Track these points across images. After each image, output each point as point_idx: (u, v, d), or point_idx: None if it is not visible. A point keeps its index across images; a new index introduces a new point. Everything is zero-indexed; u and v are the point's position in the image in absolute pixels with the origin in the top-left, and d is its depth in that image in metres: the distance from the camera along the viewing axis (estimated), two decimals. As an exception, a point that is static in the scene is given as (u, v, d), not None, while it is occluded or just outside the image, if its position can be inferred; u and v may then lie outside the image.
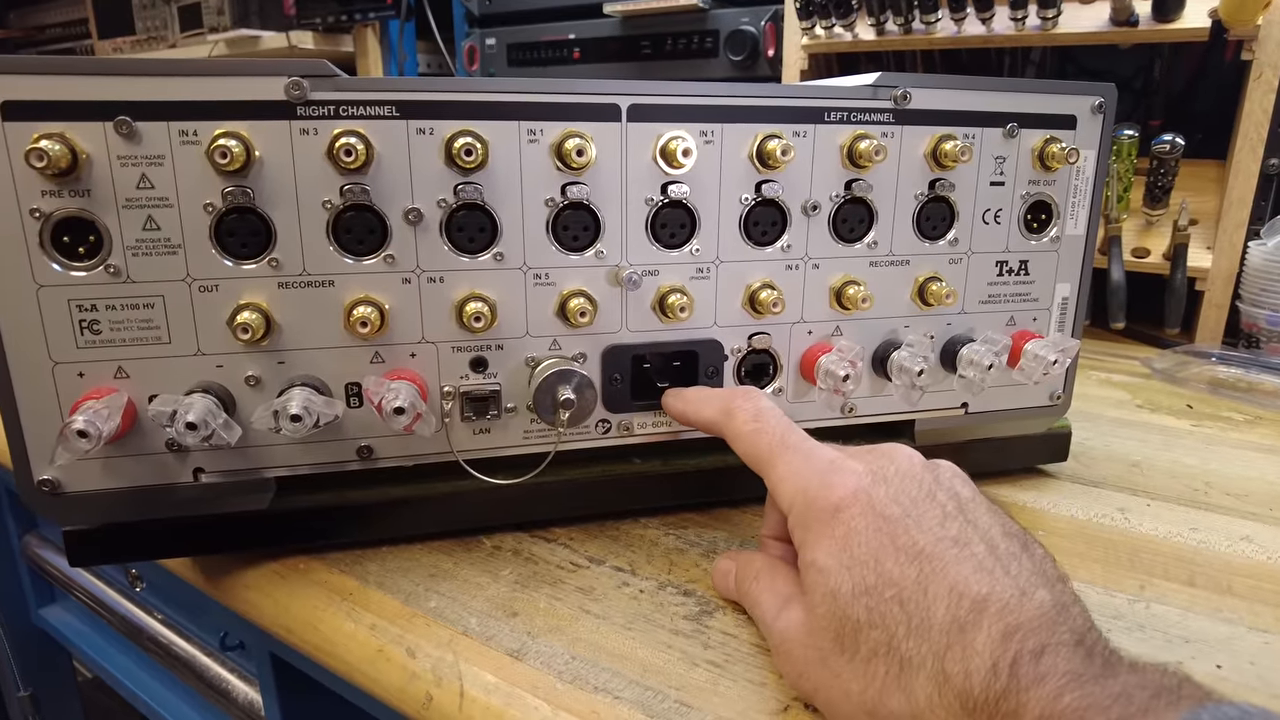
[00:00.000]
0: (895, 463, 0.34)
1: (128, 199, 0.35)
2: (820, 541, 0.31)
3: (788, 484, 0.34)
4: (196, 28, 1.60)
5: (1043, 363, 0.45)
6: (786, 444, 0.35)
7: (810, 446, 0.35)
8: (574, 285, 0.41)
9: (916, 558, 0.29)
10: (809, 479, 0.33)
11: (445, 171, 0.38)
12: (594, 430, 0.43)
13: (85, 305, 0.36)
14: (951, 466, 0.35)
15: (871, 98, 0.42)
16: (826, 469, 0.33)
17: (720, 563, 0.39)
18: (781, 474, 0.35)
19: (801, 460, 0.34)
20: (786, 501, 0.34)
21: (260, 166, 0.36)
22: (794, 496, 0.33)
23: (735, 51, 1.09)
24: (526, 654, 0.35)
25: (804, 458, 0.34)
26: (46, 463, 0.37)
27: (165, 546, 0.41)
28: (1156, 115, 0.93)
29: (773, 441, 0.36)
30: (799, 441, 0.36)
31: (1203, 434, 0.62)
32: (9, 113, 0.33)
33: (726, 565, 0.39)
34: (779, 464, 0.35)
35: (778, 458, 0.35)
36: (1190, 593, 0.40)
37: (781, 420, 0.37)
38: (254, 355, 0.38)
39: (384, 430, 0.40)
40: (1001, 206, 0.46)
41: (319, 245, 0.37)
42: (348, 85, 0.36)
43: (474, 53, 1.33)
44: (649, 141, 0.40)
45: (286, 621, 0.40)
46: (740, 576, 0.37)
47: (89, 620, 0.88)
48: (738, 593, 0.37)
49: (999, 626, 0.26)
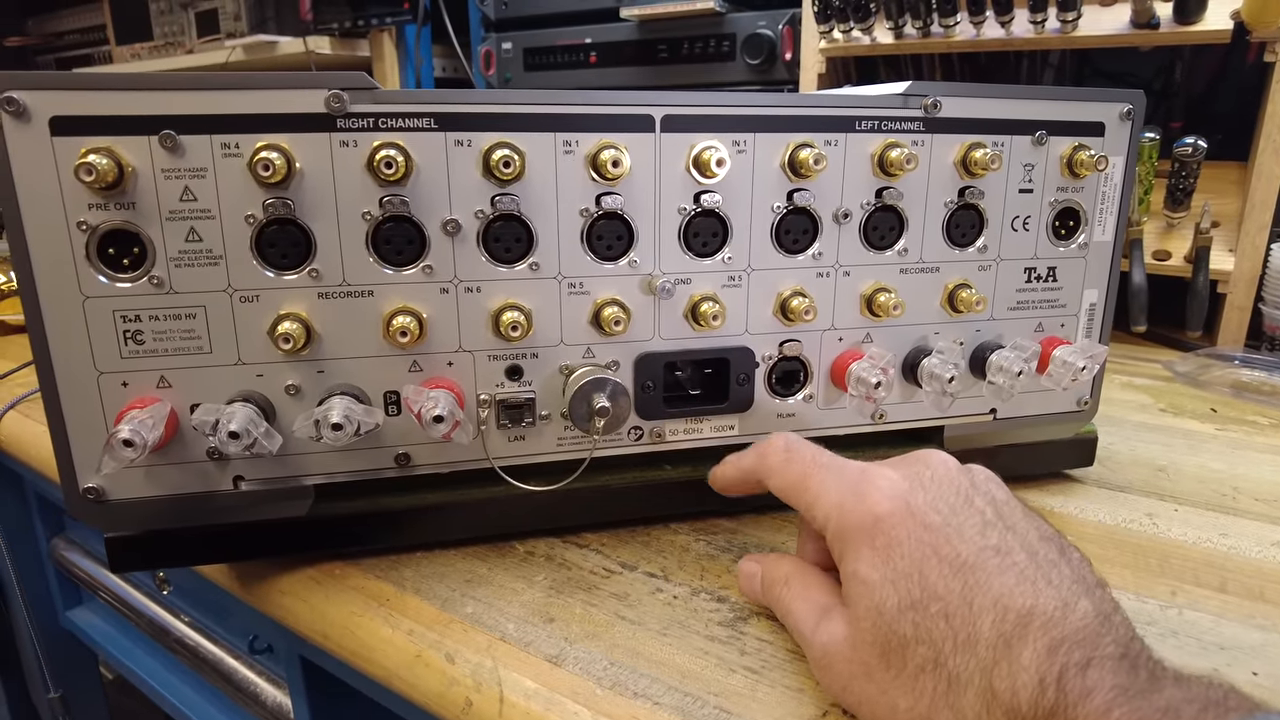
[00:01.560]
0: (931, 468, 0.34)
1: (171, 211, 0.36)
2: (861, 552, 0.31)
3: (822, 501, 0.34)
4: (214, 33, 1.62)
5: (1071, 369, 0.45)
6: (818, 463, 0.36)
7: (841, 462, 0.35)
8: (608, 294, 0.41)
9: (960, 569, 0.29)
10: (844, 492, 0.33)
11: (483, 183, 0.38)
12: (627, 437, 0.44)
13: (129, 316, 0.36)
14: (985, 470, 0.35)
15: (902, 107, 0.42)
16: (860, 479, 0.33)
17: (745, 565, 0.39)
18: (815, 491, 0.34)
19: (834, 476, 0.34)
20: (823, 517, 0.34)
21: (301, 178, 0.36)
22: (830, 511, 0.33)
23: (752, 55, 1.09)
24: (565, 660, 0.36)
25: (836, 473, 0.35)
26: (92, 471, 0.37)
27: (205, 553, 0.42)
28: (1177, 117, 0.93)
29: (805, 464, 0.36)
30: (829, 460, 0.36)
31: (1228, 438, 0.62)
32: (57, 128, 0.34)
33: (751, 568, 0.39)
34: (811, 482, 0.35)
35: (810, 478, 0.35)
36: (1222, 599, 0.40)
37: (811, 446, 0.37)
38: (294, 364, 0.38)
39: (421, 437, 0.40)
40: (1030, 214, 0.46)
41: (358, 256, 0.38)
42: (387, 98, 0.37)
43: (490, 57, 1.34)
44: (682, 151, 0.40)
45: (323, 627, 0.41)
46: (768, 580, 0.37)
47: (115, 622, 0.89)
48: (765, 597, 0.37)
49: (1044, 641, 0.26)
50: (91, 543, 0.88)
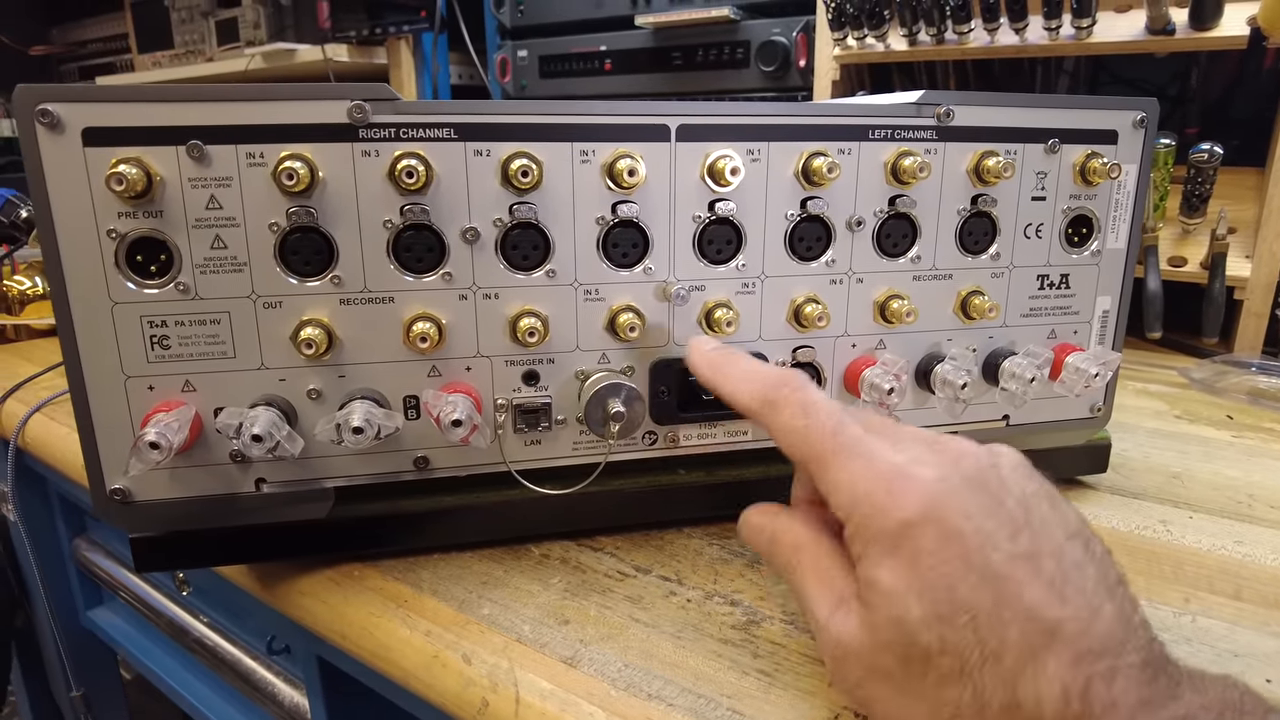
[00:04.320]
0: (961, 466, 0.31)
1: (197, 219, 0.36)
2: (884, 559, 0.29)
3: (844, 490, 0.31)
4: (233, 41, 1.64)
5: (1084, 376, 0.45)
6: (841, 444, 0.32)
7: (870, 447, 0.32)
8: (623, 300, 0.42)
9: (991, 580, 0.27)
10: (872, 487, 0.30)
11: (501, 192, 0.39)
12: (641, 442, 0.44)
13: (156, 321, 0.37)
14: (1011, 456, 0.32)
15: (915, 115, 0.43)
16: (892, 475, 0.30)
17: (752, 516, 0.37)
18: (837, 479, 0.31)
19: (863, 465, 0.31)
20: (845, 508, 0.31)
21: (323, 187, 0.37)
22: (853, 506, 0.31)
23: (766, 62, 1.10)
24: (580, 661, 0.36)
25: (866, 462, 0.31)
26: (118, 473, 0.38)
27: (227, 553, 0.43)
28: (1192, 123, 0.92)
29: (825, 440, 0.32)
30: (856, 441, 0.32)
31: (1244, 445, 0.61)
32: (89, 138, 0.35)
33: (760, 521, 0.36)
34: (833, 467, 0.32)
35: (832, 459, 0.32)
36: (1237, 606, 0.40)
37: (834, 414, 0.33)
38: (316, 369, 0.39)
39: (439, 441, 0.41)
40: (1043, 221, 0.46)
41: (379, 263, 0.38)
42: (408, 109, 0.37)
43: (506, 64, 1.35)
44: (697, 160, 0.41)
45: (341, 628, 0.42)
46: (778, 541, 0.35)
47: (136, 622, 0.91)
48: (772, 558, 0.35)
49: (1070, 652, 0.25)
50: (113, 543, 0.89)
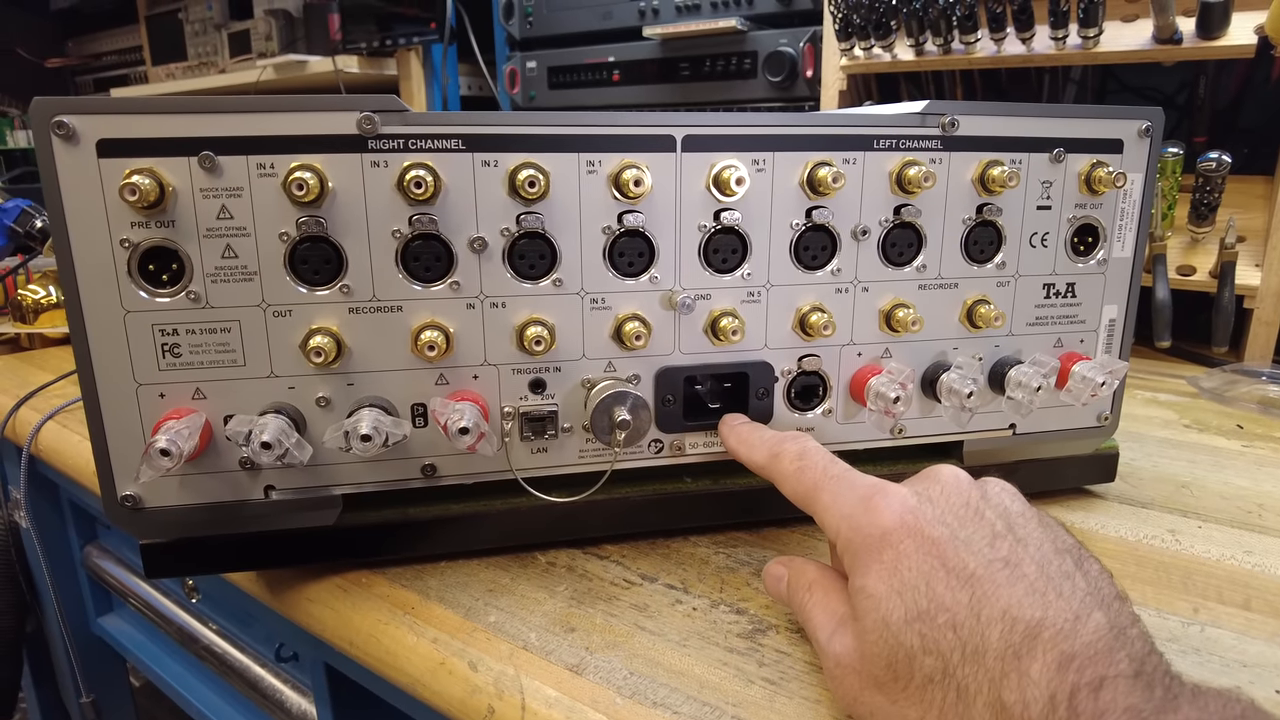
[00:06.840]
0: (940, 482, 0.34)
1: (208, 229, 0.37)
2: (869, 567, 0.31)
3: (832, 512, 0.34)
4: (245, 53, 1.66)
5: (1091, 384, 0.45)
6: (829, 474, 0.36)
7: (853, 475, 0.36)
8: (629, 309, 0.42)
9: (968, 581, 0.29)
10: (853, 505, 0.34)
11: (509, 202, 0.39)
12: (647, 450, 0.45)
13: (167, 330, 0.38)
14: (1000, 482, 0.35)
15: (920, 125, 0.43)
16: (870, 493, 0.34)
17: (773, 567, 0.39)
18: (826, 503, 0.35)
19: (846, 488, 0.35)
20: (833, 529, 0.34)
21: (333, 197, 0.38)
22: (839, 523, 0.34)
23: (774, 73, 1.10)
24: (586, 669, 0.36)
25: (848, 485, 0.35)
26: (129, 479, 0.39)
27: (236, 560, 0.43)
28: (1200, 132, 0.92)
29: (816, 475, 0.36)
30: (842, 471, 0.36)
31: (1254, 455, 0.61)
32: (104, 150, 0.35)
33: (779, 570, 0.39)
34: (823, 494, 0.35)
35: (821, 489, 0.36)
36: (1246, 616, 0.40)
37: (825, 456, 0.37)
38: (325, 377, 0.39)
39: (447, 449, 0.41)
40: (1048, 230, 0.46)
41: (388, 272, 0.39)
42: (416, 120, 0.38)
43: (515, 75, 1.36)
44: (703, 170, 0.41)
45: (349, 634, 0.42)
46: (793, 584, 0.37)
47: (145, 629, 0.91)
48: (789, 601, 0.37)
49: (1054, 654, 0.26)
50: (124, 550, 0.90)
